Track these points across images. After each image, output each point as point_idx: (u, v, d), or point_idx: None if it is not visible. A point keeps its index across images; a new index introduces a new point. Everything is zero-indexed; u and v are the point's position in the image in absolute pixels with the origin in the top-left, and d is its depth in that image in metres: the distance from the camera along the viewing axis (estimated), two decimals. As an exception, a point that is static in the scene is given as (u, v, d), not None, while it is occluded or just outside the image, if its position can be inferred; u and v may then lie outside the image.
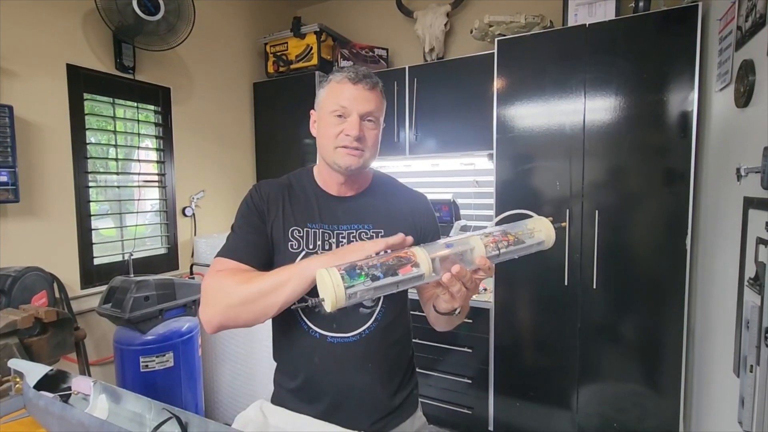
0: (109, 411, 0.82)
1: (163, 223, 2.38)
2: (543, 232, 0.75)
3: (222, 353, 2.27)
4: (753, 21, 1.20)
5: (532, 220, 0.77)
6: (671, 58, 1.75)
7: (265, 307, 0.74)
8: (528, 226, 0.75)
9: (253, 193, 0.93)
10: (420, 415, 1.02)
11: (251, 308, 0.75)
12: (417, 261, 0.65)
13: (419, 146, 2.52)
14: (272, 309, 0.74)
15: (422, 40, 2.60)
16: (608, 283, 1.92)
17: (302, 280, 0.72)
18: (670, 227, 1.80)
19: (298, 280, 0.72)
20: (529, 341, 2.13)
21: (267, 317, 0.76)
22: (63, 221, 1.89)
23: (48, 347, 1.38)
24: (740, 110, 1.31)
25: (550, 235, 0.75)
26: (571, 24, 2.01)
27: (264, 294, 0.74)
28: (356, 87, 0.86)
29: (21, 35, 1.73)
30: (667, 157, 1.79)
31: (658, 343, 1.84)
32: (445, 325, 0.91)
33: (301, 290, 0.73)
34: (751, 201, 1.18)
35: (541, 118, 2.01)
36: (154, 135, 2.32)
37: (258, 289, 0.74)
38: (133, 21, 1.91)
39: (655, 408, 1.85)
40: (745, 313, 1.13)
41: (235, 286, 0.76)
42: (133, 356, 1.77)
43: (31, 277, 1.60)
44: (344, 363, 0.89)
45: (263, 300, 0.74)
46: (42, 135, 1.81)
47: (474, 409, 2.24)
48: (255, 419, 0.85)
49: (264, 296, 0.74)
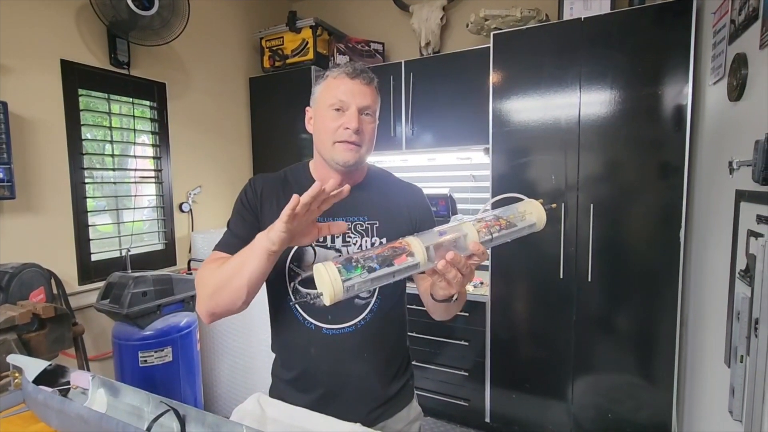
0: (107, 404, 0.83)
1: (160, 218, 2.38)
2: (534, 215, 0.76)
3: (220, 347, 2.29)
4: (746, 15, 1.21)
5: (523, 203, 0.78)
6: (666, 52, 1.76)
7: (234, 290, 0.75)
8: (519, 210, 0.76)
9: (247, 189, 0.94)
10: (415, 405, 1.03)
11: (223, 294, 0.77)
12: (412, 250, 0.66)
13: (416, 141, 2.52)
14: (241, 290, 0.75)
15: (418, 34, 2.59)
16: (603, 276, 1.93)
17: (255, 254, 0.71)
18: (665, 220, 1.81)
19: (252, 255, 0.72)
20: (524, 334, 2.15)
21: (242, 298, 0.76)
22: (60, 217, 1.89)
23: (46, 343, 1.39)
24: (733, 104, 1.32)
25: (541, 217, 0.76)
26: (566, 18, 2.01)
27: (230, 277, 0.75)
28: (354, 81, 0.87)
29: (14, 30, 1.72)
30: (661, 150, 1.80)
31: (652, 334, 1.87)
32: (444, 314, 0.92)
33: (259, 264, 0.71)
34: (742, 194, 1.19)
35: (537, 111, 2.01)
36: (150, 131, 2.32)
37: (224, 274, 0.76)
38: (127, 16, 1.90)
39: (648, 398, 1.88)
40: (736, 305, 1.15)
41: (210, 275, 0.80)
42: (131, 351, 1.78)
43: (28, 274, 1.60)
44: (340, 353, 0.90)
45: (230, 283, 0.75)
46: (37, 131, 1.80)
47: (471, 401, 2.27)
48: (252, 411, 0.85)
49: (230, 279, 0.75)
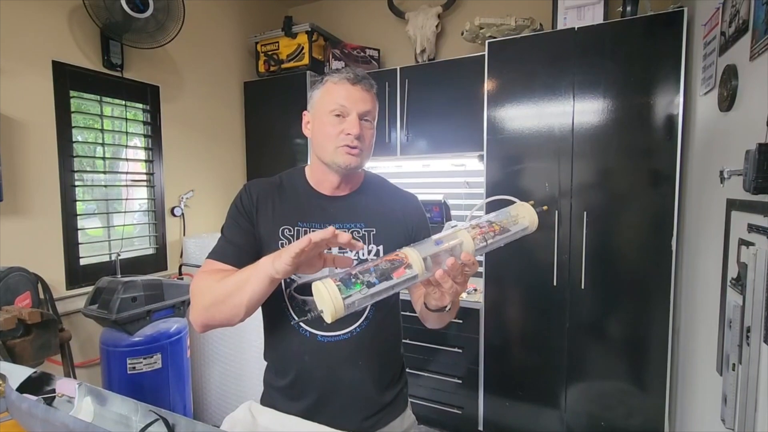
0: (94, 413, 0.81)
1: (152, 222, 2.35)
2: (527, 218, 0.76)
3: (211, 354, 2.25)
4: (736, 27, 1.23)
5: (515, 206, 0.78)
6: (657, 62, 1.79)
7: (233, 306, 0.75)
8: (511, 213, 0.76)
9: (242, 194, 0.93)
10: (410, 413, 1.02)
11: (221, 308, 0.76)
12: (409, 262, 0.65)
13: (410, 147, 2.52)
14: (240, 308, 0.74)
15: (414, 41, 2.61)
16: (596, 284, 1.94)
17: (259, 278, 0.71)
18: (657, 228, 1.83)
19: (256, 278, 0.71)
20: (518, 341, 2.15)
21: (240, 316, 0.76)
22: (48, 220, 1.86)
23: (32, 349, 1.36)
24: (723, 114, 1.34)
25: (534, 220, 0.77)
26: (560, 27, 2.03)
27: (229, 294, 0.75)
28: (355, 87, 0.87)
29: (5, 31, 1.70)
30: (653, 159, 1.83)
31: (645, 342, 1.87)
32: (437, 322, 0.91)
33: (261, 287, 0.72)
34: (733, 203, 1.20)
35: (531, 119, 2.03)
36: (143, 134, 2.29)
37: (224, 289, 0.76)
38: (121, 18, 1.88)
39: (641, 406, 1.88)
40: (728, 313, 1.15)
41: (208, 288, 0.79)
42: (120, 358, 1.75)
43: (14, 278, 1.57)
44: (334, 360, 0.89)
45: (230, 300, 0.75)
46: (27, 133, 1.78)
47: (464, 409, 2.25)
48: (243, 420, 0.84)
49: (230, 296, 0.75)
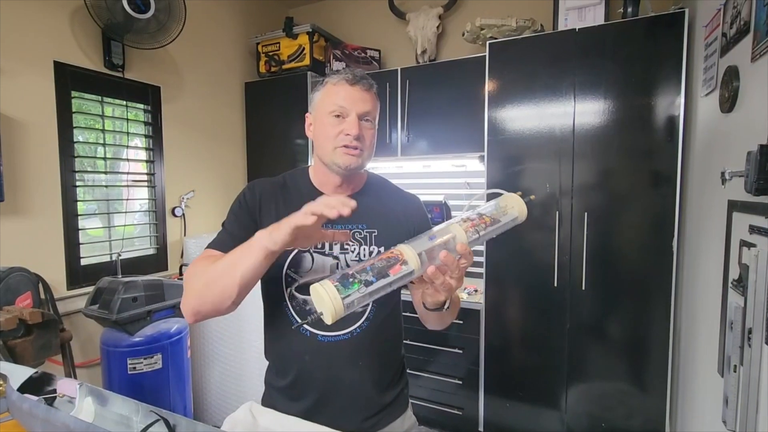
0: (95, 414, 0.81)
1: (152, 223, 2.35)
2: (516, 208, 0.77)
3: (211, 354, 2.25)
4: (737, 28, 1.23)
5: (503, 197, 0.78)
6: (659, 63, 1.79)
7: (225, 287, 0.74)
8: (500, 204, 0.77)
9: (246, 192, 0.93)
10: (410, 414, 1.02)
11: (213, 289, 0.75)
12: (405, 258, 0.65)
13: (411, 147, 2.52)
14: (232, 288, 0.73)
15: (414, 41, 2.61)
16: (597, 284, 1.94)
17: (253, 252, 0.70)
18: (658, 229, 1.82)
19: (249, 252, 0.71)
20: (518, 342, 2.14)
21: (232, 298, 0.75)
22: (49, 220, 1.86)
23: (32, 349, 1.36)
24: (725, 115, 1.34)
25: (522, 210, 0.77)
26: (561, 28, 2.03)
27: (221, 274, 0.74)
28: (354, 88, 0.87)
29: (6, 31, 1.70)
30: (654, 160, 1.82)
31: (645, 343, 1.87)
32: (437, 323, 0.91)
33: (255, 262, 0.71)
34: (735, 204, 1.20)
35: (532, 120, 2.03)
36: (144, 134, 2.30)
37: (215, 269, 0.75)
38: (122, 18, 1.88)
39: (642, 407, 1.88)
40: (729, 314, 1.15)
41: (202, 270, 0.78)
42: (120, 358, 1.75)
43: (15, 278, 1.57)
44: (335, 360, 0.89)
45: (221, 280, 0.74)
46: (28, 133, 1.78)
47: (464, 410, 2.25)
48: (244, 421, 0.84)
49: (221, 276, 0.74)
